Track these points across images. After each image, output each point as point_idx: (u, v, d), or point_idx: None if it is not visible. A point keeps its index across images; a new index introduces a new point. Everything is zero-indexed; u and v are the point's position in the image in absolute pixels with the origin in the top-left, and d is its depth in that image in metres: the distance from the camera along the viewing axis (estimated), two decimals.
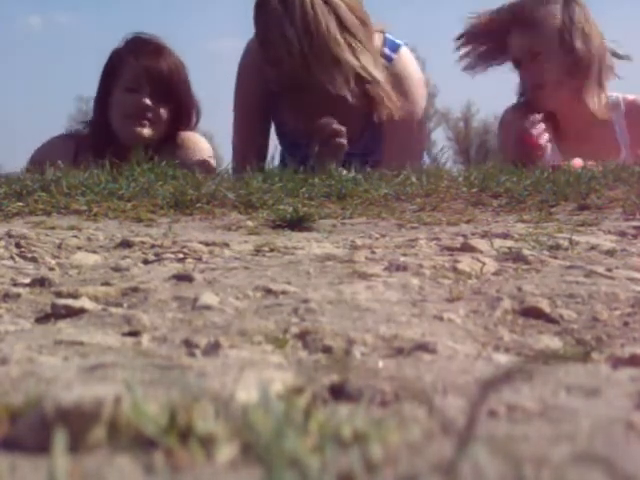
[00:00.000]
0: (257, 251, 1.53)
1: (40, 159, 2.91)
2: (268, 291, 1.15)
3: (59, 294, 1.17)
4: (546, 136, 3.09)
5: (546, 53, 3.21)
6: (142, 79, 3.10)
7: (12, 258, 1.48)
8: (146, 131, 3.12)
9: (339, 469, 0.50)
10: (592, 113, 3.23)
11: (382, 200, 2.19)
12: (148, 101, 3.11)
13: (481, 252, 1.44)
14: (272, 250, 1.53)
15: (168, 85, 3.13)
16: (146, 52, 3.15)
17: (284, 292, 1.15)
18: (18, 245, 1.59)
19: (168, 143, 3.14)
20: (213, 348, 0.89)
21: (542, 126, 3.09)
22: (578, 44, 3.20)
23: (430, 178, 2.39)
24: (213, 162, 3.17)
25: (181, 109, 3.20)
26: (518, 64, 3.29)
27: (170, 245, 1.59)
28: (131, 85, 3.11)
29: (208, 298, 1.10)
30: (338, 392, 0.69)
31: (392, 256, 1.41)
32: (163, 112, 3.14)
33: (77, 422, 0.55)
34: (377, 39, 3.11)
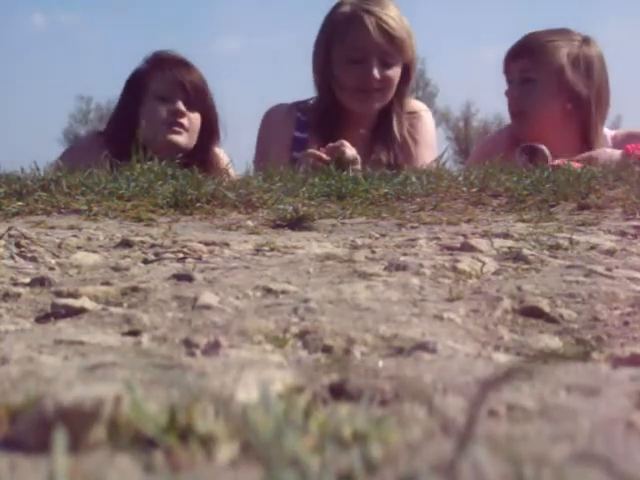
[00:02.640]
0: (257, 251, 1.53)
1: (73, 157, 2.89)
2: (268, 291, 1.15)
3: (59, 294, 1.17)
4: None
5: (541, 82, 3.16)
6: (174, 87, 3.09)
7: (12, 258, 1.48)
8: (180, 138, 3.09)
9: (339, 469, 0.50)
10: (575, 150, 3.14)
11: (382, 200, 2.19)
12: (182, 106, 3.09)
13: (481, 252, 1.44)
14: (272, 250, 1.53)
15: (198, 94, 3.12)
16: (175, 64, 3.14)
17: (284, 291, 1.15)
18: (18, 245, 1.58)
19: (197, 158, 3.04)
20: (213, 348, 0.89)
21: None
22: (578, 86, 3.15)
23: (430, 178, 2.39)
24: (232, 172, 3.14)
25: (210, 121, 3.18)
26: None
27: (170, 245, 1.59)
28: (163, 94, 3.09)
29: (208, 298, 1.10)
30: (338, 392, 0.69)
31: (392, 256, 1.41)
32: (195, 120, 3.12)
33: (77, 422, 0.55)
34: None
